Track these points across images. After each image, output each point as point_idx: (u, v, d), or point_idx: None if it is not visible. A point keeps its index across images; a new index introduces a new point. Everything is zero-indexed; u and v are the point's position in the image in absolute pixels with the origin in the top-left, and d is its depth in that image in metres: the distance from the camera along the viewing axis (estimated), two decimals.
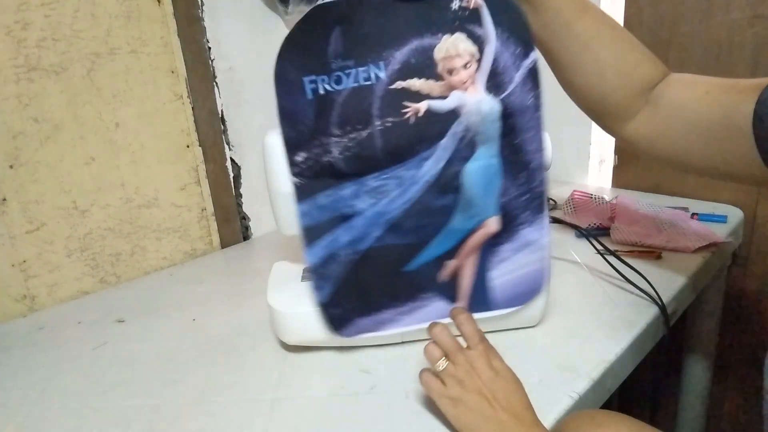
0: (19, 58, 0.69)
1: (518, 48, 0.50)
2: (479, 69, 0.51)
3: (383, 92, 0.50)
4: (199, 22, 0.84)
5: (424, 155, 0.52)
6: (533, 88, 0.51)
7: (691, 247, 0.77)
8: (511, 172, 0.53)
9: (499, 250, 0.56)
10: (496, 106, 0.51)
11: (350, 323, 0.56)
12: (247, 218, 0.97)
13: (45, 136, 0.72)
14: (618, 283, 0.70)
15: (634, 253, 0.77)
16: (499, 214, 0.55)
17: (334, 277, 0.55)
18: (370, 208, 0.53)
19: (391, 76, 0.50)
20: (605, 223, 0.88)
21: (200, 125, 0.87)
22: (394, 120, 0.51)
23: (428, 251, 0.55)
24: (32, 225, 0.73)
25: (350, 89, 0.50)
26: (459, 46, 0.50)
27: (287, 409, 0.51)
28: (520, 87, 0.51)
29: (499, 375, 0.44)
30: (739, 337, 1.01)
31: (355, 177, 0.52)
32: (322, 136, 0.51)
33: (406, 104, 0.51)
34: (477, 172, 0.53)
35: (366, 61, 0.50)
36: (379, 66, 0.50)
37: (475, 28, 0.50)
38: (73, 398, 0.55)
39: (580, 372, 0.53)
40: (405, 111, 0.51)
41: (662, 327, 0.64)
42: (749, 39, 0.86)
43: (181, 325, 0.68)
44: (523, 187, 0.54)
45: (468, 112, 0.51)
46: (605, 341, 0.58)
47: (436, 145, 0.52)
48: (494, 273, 0.56)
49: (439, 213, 0.54)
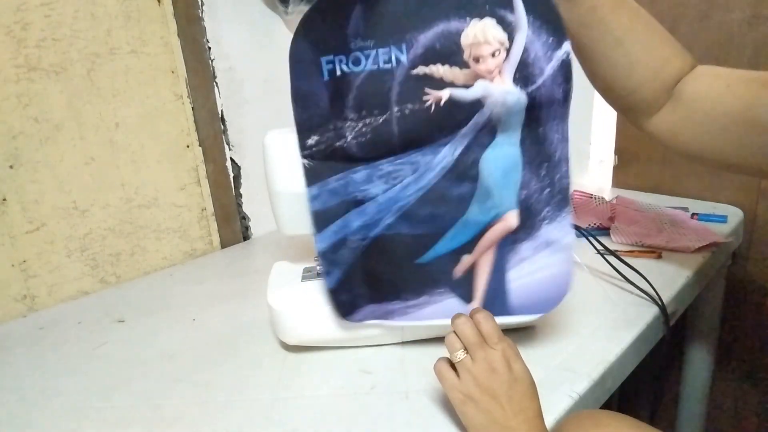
0: (19, 58, 0.69)
1: (551, 38, 0.47)
2: (508, 58, 0.48)
3: (404, 77, 0.48)
4: (199, 22, 0.84)
5: (444, 142, 0.50)
6: (564, 82, 0.48)
7: (691, 247, 0.77)
8: (533, 163, 0.50)
9: (518, 248, 0.52)
10: (523, 99, 0.48)
11: (358, 309, 0.54)
12: (247, 218, 0.97)
13: (45, 136, 0.72)
14: (618, 283, 0.70)
15: (634, 253, 0.77)
16: (519, 208, 0.51)
17: (343, 263, 0.53)
18: (383, 194, 0.51)
19: (414, 61, 0.47)
20: (605, 223, 0.88)
21: (200, 125, 0.87)
22: (413, 107, 0.49)
23: (442, 243, 0.52)
24: (32, 225, 0.73)
25: (368, 71, 0.48)
26: (488, 33, 0.47)
27: (287, 409, 0.51)
28: (550, 80, 0.48)
29: (517, 380, 0.43)
30: (740, 337, 1.01)
31: (368, 161, 0.50)
32: (336, 120, 0.49)
33: (427, 91, 0.48)
34: (496, 160, 0.50)
35: (387, 43, 0.47)
36: (401, 48, 0.47)
37: (506, 14, 0.46)
38: (73, 398, 0.55)
39: (580, 372, 0.53)
40: (426, 98, 0.48)
41: (662, 327, 0.64)
42: (749, 39, 0.86)
43: (181, 325, 0.68)
44: (545, 180, 0.50)
45: (492, 103, 0.48)
46: (605, 341, 0.58)
47: (456, 133, 0.49)
48: (513, 274, 0.53)
49: (455, 202, 0.51)
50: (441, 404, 0.50)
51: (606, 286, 0.70)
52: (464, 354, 0.44)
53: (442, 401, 0.50)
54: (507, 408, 0.41)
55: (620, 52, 0.50)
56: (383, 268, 0.53)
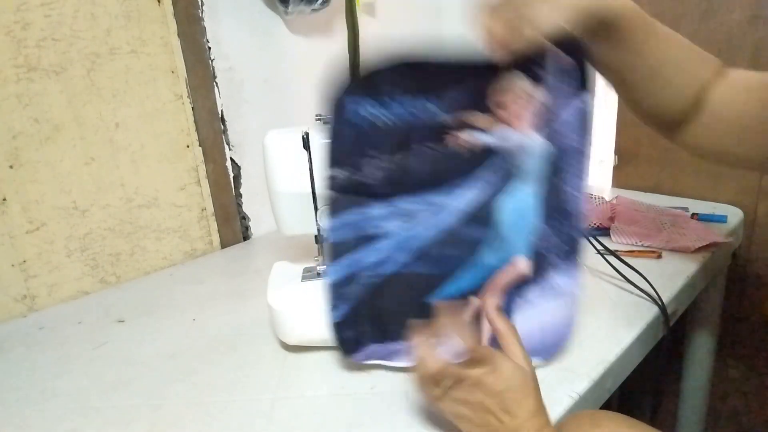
0: (19, 58, 0.69)
1: (573, 88, 0.48)
2: (530, 106, 0.49)
3: (427, 119, 0.49)
4: (199, 22, 0.84)
5: (460, 184, 0.50)
6: (582, 132, 0.49)
7: (691, 247, 0.77)
8: (546, 212, 0.51)
9: (525, 292, 0.52)
10: (542, 146, 0.49)
11: (362, 348, 0.54)
12: (247, 218, 0.97)
13: (45, 136, 0.72)
14: (618, 283, 0.70)
15: (634, 253, 0.77)
16: (530, 254, 0.52)
17: (352, 298, 0.52)
18: (398, 232, 0.51)
19: (439, 106, 0.48)
20: (605, 223, 0.88)
21: (200, 125, 0.87)
22: (434, 147, 0.49)
23: (452, 285, 0.52)
24: (32, 225, 0.73)
25: (394, 113, 0.48)
26: (514, 83, 0.48)
27: (287, 409, 0.51)
28: (569, 129, 0.48)
29: (508, 386, 0.41)
30: (740, 337, 1.01)
31: (385, 198, 0.51)
32: (358, 156, 0.50)
33: (449, 133, 0.49)
34: (511, 206, 0.51)
35: (415, 92, 0.48)
36: (430, 99, 0.48)
37: (533, 66, 0.47)
38: (73, 398, 0.55)
39: (580, 372, 0.53)
40: (447, 140, 0.49)
41: (662, 327, 0.64)
42: (749, 39, 0.86)
43: (181, 325, 0.68)
44: (557, 230, 0.51)
45: (512, 148, 0.49)
46: (605, 341, 0.58)
47: (474, 175, 0.50)
48: (518, 317, 0.52)
49: (468, 244, 0.51)
50: None
51: (606, 286, 0.70)
52: (440, 389, 0.43)
53: None
54: (504, 418, 0.41)
55: (655, 80, 0.51)
56: (391, 306, 0.53)
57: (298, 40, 0.99)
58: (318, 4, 0.90)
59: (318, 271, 0.63)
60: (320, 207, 0.57)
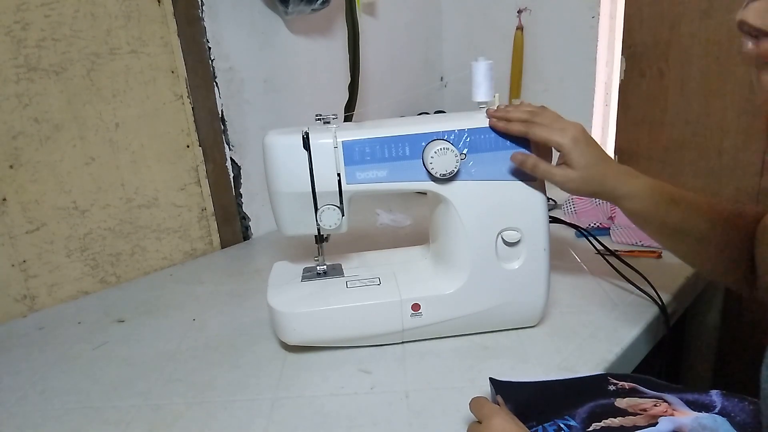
0: (19, 58, 0.69)
1: None
2: (672, 402, 0.48)
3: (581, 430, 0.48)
4: (199, 22, 0.84)
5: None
6: None
7: None
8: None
9: None
10: (719, 419, 0.47)
11: None
12: (247, 218, 0.97)
13: (45, 136, 0.72)
14: (618, 283, 0.70)
15: (634, 253, 0.77)
16: None
17: None
18: None
19: (583, 424, 0.47)
20: (605, 223, 0.88)
21: (200, 125, 0.87)
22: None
23: None
24: (32, 225, 0.73)
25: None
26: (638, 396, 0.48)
27: (287, 409, 0.51)
28: None
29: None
30: (739, 337, 1.01)
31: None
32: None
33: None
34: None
35: (550, 418, 0.48)
36: (566, 419, 0.48)
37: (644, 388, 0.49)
38: (73, 398, 0.55)
39: (580, 372, 0.53)
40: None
41: (662, 327, 0.64)
42: None
43: (181, 325, 0.68)
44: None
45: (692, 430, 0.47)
46: (605, 341, 0.58)
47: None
48: None
49: None
50: (441, 404, 0.50)
51: (606, 286, 0.70)
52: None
53: (441, 401, 0.50)
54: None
55: (681, 243, 0.56)
56: None
57: (298, 40, 0.99)
58: (318, 4, 0.90)
59: (318, 271, 0.63)
60: (320, 207, 0.57)
